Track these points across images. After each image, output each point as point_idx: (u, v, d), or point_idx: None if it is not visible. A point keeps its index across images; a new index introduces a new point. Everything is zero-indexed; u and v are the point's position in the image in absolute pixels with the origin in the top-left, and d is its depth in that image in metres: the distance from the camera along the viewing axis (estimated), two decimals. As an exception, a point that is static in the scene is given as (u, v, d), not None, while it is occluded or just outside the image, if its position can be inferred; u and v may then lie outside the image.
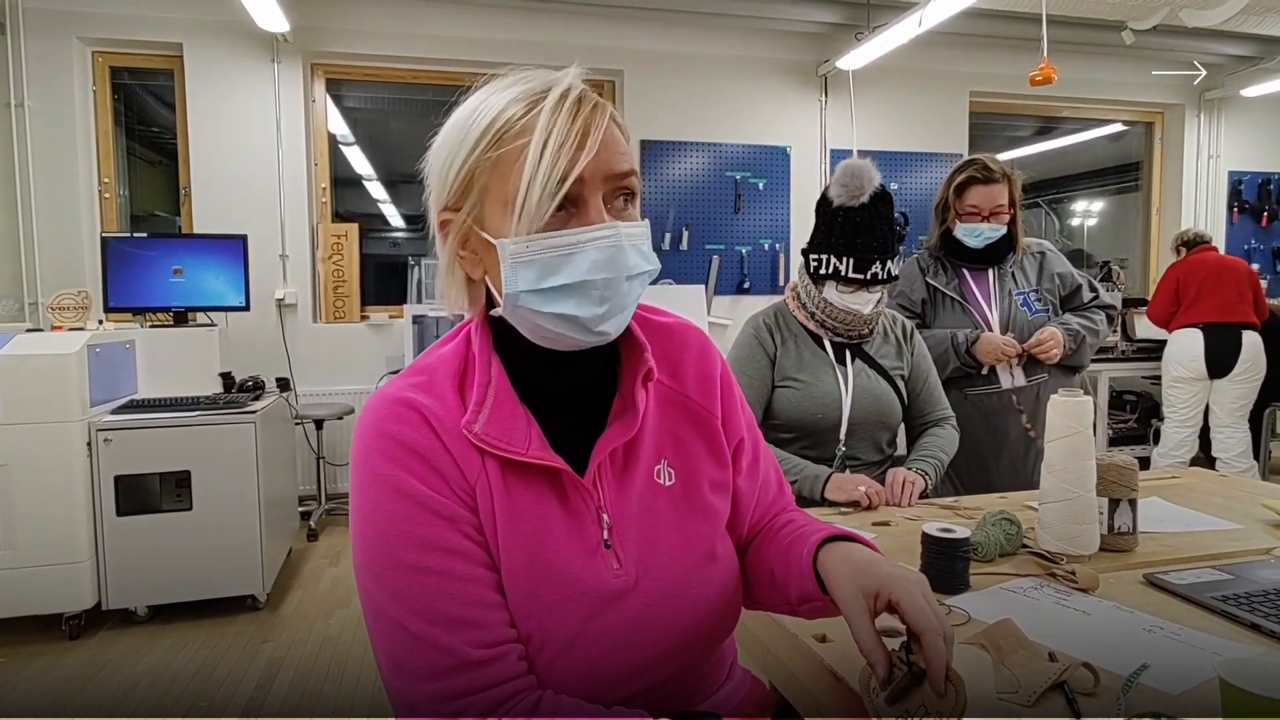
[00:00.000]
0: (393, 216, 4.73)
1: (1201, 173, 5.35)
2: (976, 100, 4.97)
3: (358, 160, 4.48)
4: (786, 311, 1.73)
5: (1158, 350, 4.33)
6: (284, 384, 3.41)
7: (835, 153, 4.68)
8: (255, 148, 3.93)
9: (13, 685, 2.26)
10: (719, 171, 4.56)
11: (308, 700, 2.18)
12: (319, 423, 3.81)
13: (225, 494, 2.66)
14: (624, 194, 0.71)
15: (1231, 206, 5.36)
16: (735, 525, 0.84)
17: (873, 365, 1.68)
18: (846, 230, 1.55)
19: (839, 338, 1.67)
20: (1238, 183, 5.36)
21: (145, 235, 3.31)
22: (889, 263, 1.55)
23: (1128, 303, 4.75)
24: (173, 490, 2.62)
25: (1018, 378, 1.96)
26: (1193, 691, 0.76)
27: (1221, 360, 3.87)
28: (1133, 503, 1.18)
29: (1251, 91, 4.96)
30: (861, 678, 0.68)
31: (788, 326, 1.71)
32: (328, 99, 4.21)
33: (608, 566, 0.72)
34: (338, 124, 4.30)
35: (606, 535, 0.73)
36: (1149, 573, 1.07)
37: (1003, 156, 2.05)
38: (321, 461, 3.90)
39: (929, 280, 2.03)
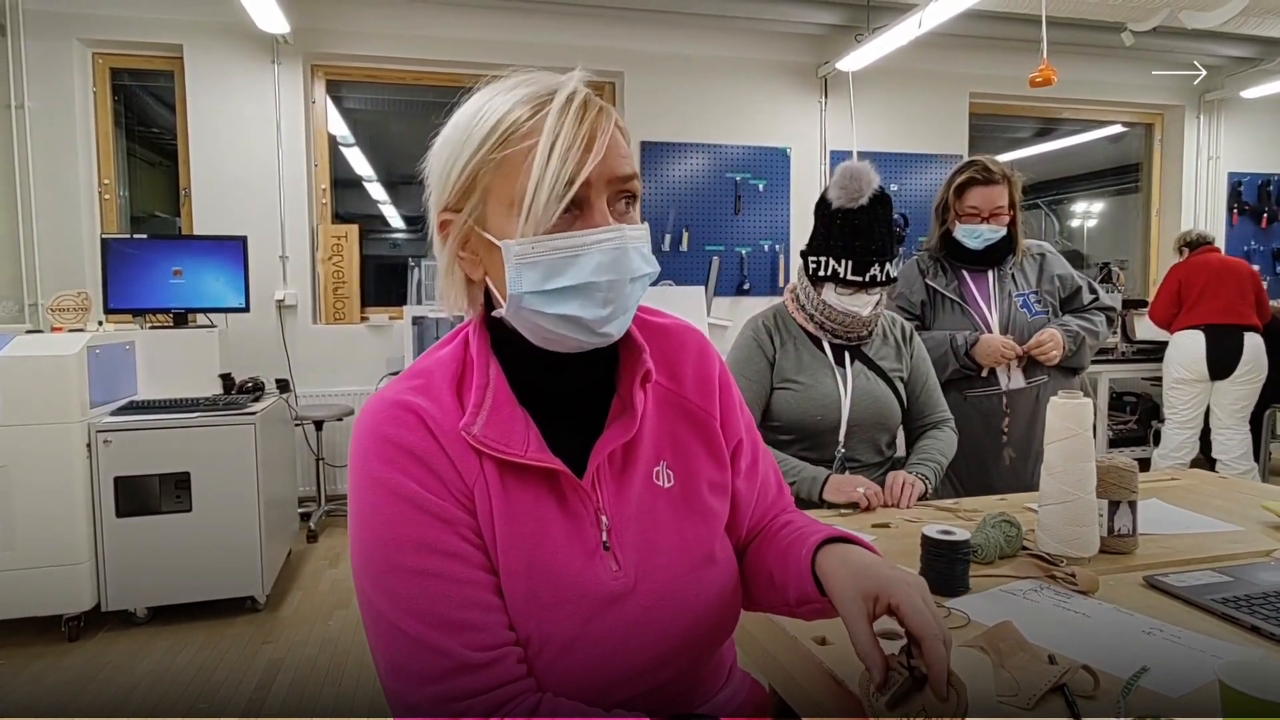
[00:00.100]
0: (393, 218, 4.73)
1: (1201, 174, 5.35)
2: (976, 101, 4.96)
3: (358, 161, 4.48)
4: (785, 313, 1.73)
5: (1158, 352, 4.33)
6: (284, 385, 3.40)
7: (835, 154, 4.68)
8: (255, 149, 3.93)
9: (12, 687, 2.26)
10: (719, 173, 4.56)
11: (307, 702, 2.18)
12: (319, 424, 3.81)
13: (225, 495, 2.66)
14: (626, 197, 0.71)
15: (1231, 208, 5.36)
16: (734, 527, 0.84)
17: (872, 367, 1.68)
18: (845, 232, 1.55)
19: (838, 340, 1.67)
20: (1237, 184, 5.36)
21: (145, 236, 3.31)
22: (888, 265, 1.55)
23: (1127, 304, 4.75)
24: (172, 491, 2.62)
25: (1017, 380, 1.96)
26: (1193, 694, 0.76)
27: (1223, 362, 3.86)
28: (1133, 505, 1.18)
29: (1251, 93, 4.96)
30: (861, 681, 0.68)
31: (787, 328, 1.71)
32: (328, 100, 4.21)
33: (606, 568, 0.72)
34: (338, 125, 4.30)
35: (605, 537, 0.73)
36: (1149, 575, 1.07)
37: (1003, 158, 2.05)
38: (321, 463, 3.90)
39: (928, 282, 2.03)
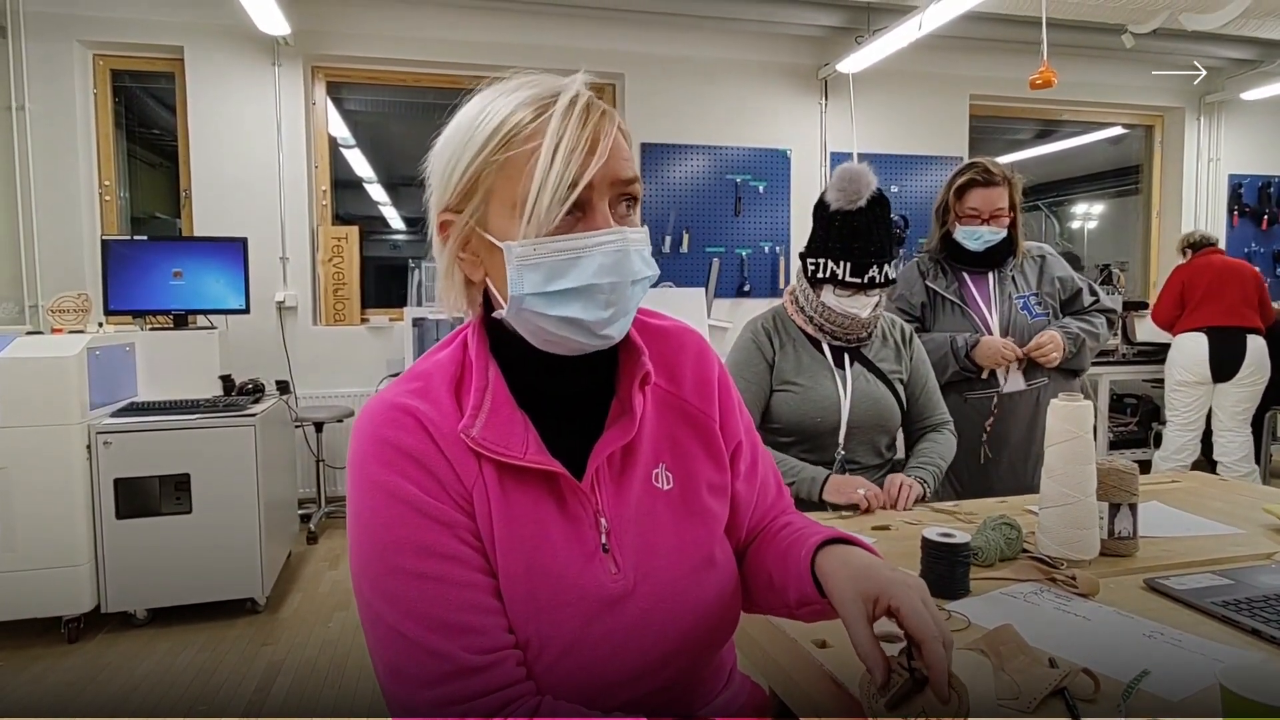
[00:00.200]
0: (393, 219, 4.73)
1: (1202, 176, 5.35)
2: (976, 103, 4.97)
3: (358, 163, 4.48)
4: (785, 315, 1.73)
5: (1158, 353, 4.33)
6: (284, 387, 3.40)
7: (835, 156, 4.67)
8: (256, 150, 3.93)
9: (12, 688, 2.26)
10: (719, 174, 4.56)
11: (307, 703, 2.17)
12: (319, 425, 3.81)
13: (225, 497, 2.66)
14: (627, 200, 0.71)
15: (1232, 210, 5.36)
16: (733, 528, 0.84)
17: (871, 369, 1.68)
18: (844, 234, 1.55)
19: (837, 341, 1.67)
20: (1238, 186, 5.36)
21: (145, 238, 3.32)
22: (886, 266, 1.55)
23: (1128, 306, 4.75)
24: (172, 493, 2.61)
25: (1017, 381, 1.96)
26: (1193, 698, 0.76)
27: (1226, 364, 3.85)
28: (1133, 507, 1.18)
29: (1252, 95, 4.96)
30: (861, 683, 0.68)
31: (786, 330, 1.71)
32: (328, 102, 4.21)
33: (606, 571, 0.72)
34: (338, 127, 4.30)
35: (604, 539, 0.73)
36: (1149, 578, 1.07)
37: (1003, 160, 2.05)
38: (321, 464, 3.89)
39: (929, 284, 2.03)
